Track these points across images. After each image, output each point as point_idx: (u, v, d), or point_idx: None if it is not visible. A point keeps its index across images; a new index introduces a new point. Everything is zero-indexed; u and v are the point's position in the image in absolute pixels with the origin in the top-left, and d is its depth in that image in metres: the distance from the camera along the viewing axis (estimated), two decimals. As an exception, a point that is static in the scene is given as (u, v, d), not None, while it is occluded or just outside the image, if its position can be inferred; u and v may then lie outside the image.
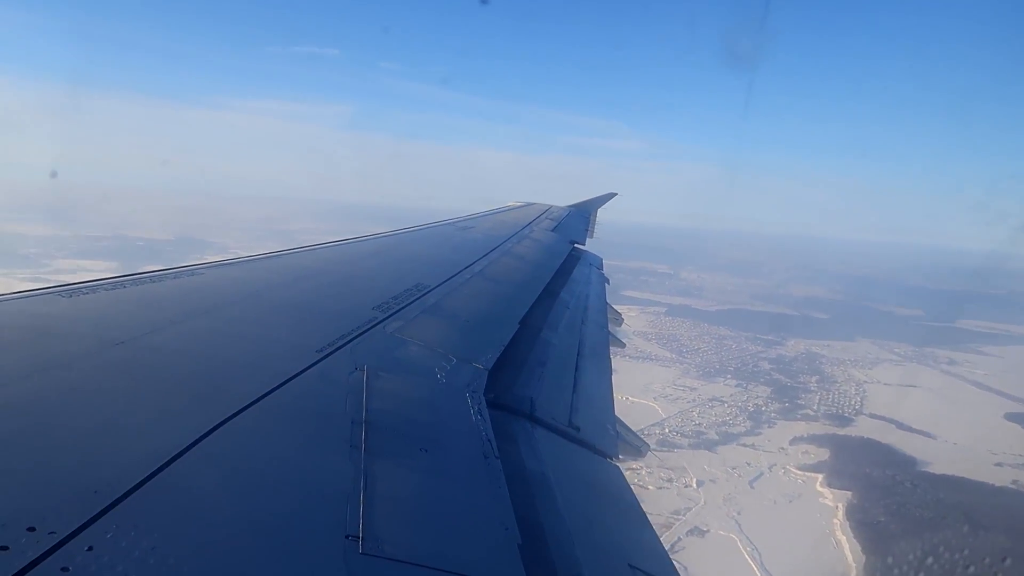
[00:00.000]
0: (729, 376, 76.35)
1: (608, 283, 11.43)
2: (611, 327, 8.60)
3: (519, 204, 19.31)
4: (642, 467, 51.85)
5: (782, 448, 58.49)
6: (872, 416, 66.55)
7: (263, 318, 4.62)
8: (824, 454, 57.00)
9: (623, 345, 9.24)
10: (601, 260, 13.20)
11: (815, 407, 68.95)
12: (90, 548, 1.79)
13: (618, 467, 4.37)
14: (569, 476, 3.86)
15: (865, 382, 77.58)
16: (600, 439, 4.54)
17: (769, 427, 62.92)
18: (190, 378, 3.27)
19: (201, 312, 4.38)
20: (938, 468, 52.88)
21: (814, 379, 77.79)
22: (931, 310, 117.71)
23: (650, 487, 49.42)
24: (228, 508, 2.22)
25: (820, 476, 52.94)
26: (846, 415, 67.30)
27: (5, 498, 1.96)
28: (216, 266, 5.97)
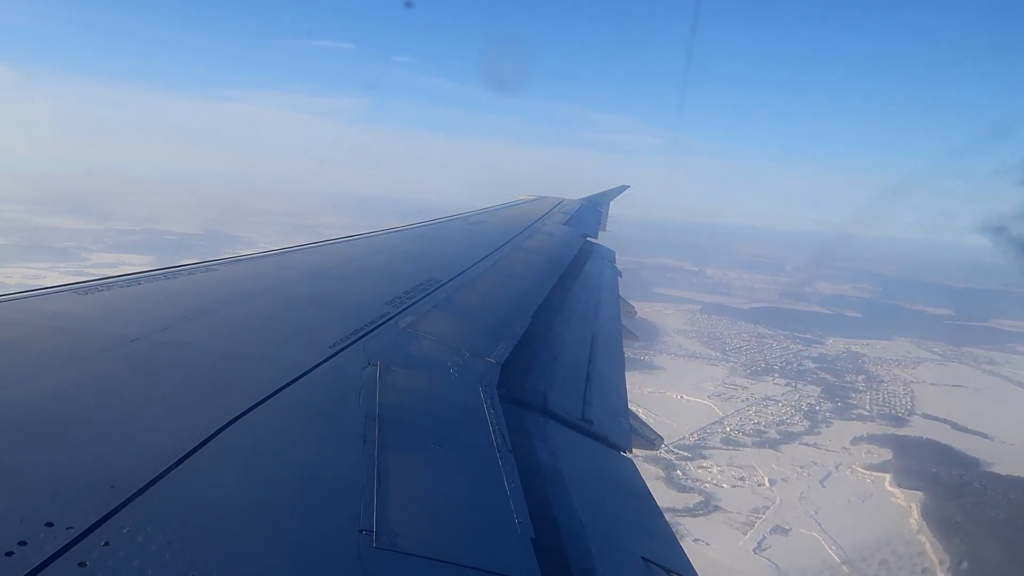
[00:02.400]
0: (776, 375, 76.24)
1: (621, 276, 11.39)
2: (624, 320, 8.58)
3: (531, 198, 19.28)
4: (713, 465, 52.21)
5: (844, 448, 58.60)
6: (926, 416, 66.24)
7: (277, 314, 4.64)
8: (887, 454, 57.02)
9: (637, 338, 9.22)
10: (614, 253, 13.16)
11: (868, 407, 68.82)
12: (107, 543, 1.81)
13: (631, 460, 4.36)
14: (582, 470, 3.86)
15: (911, 382, 77.13)
16: (613, 432, 4.53)
17: (827, 427, 62.96)
18: (205, 374, 3.29)
19: (215, 308, 4.40)
20: (1002, 468, 52.78)
21: (860, 378, 77.39)
22: (960, 309, 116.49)
23: (724, 485, 49.86)
24: (243, 503, 2.24)
25: (887, 476, 53.00)
26: (900, 415, 67.10)
27: (23, 493, 1.98)
28: (230, 262, 6.00)
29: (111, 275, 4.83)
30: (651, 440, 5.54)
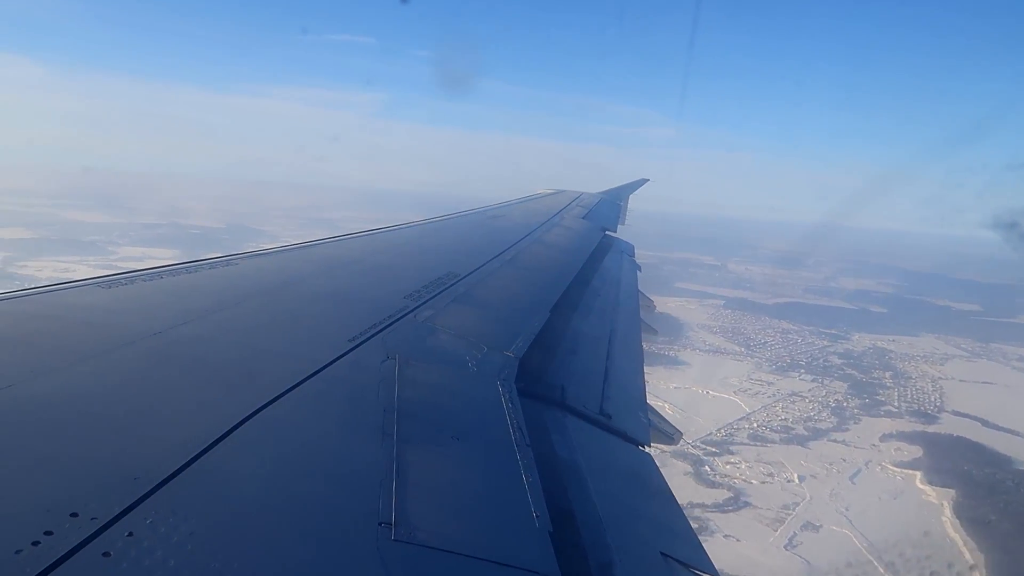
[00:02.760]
0: (802, 371, 75.54)
1: (640, 270, 11.35)
2: (643, 314, 8.55)
3: (550, 191, 19.25)
4: (741, 461, 51.99)
5: (873, 445, 58.01)
6: (956, 413, 65.32)
7: (296, 308, 4.68)
8: (917, 451, 56.44)
9: (655, 332, 9.18)
10: (632, 247, 13.11)
11: (896, 404, 67.99)
12: (130, 534, 1.84)
13: (650, 455, 4.35)
14: (600, 464, 3.85)
15: (940, 378, 75.99)
16: (632, 427, 4.52)
17: (855, 423, 62.33)
18: (226, 367, 3.32)
19: (235, 302, 4.44)
20: (1036, 467, 52.36)
21: (888, 375, 76.40)
22: (988, 304, 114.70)
23: (753, 481, 49.72)
24: (264, 495, 2.26)
25: (918, 473, 52.51)
26: (929, 412, 66.18)
27: (49, 484, 2.01)
28: (249, 256, 6.05)
29: (134, 269, 4.89)
30: (669, 435, 5.52)
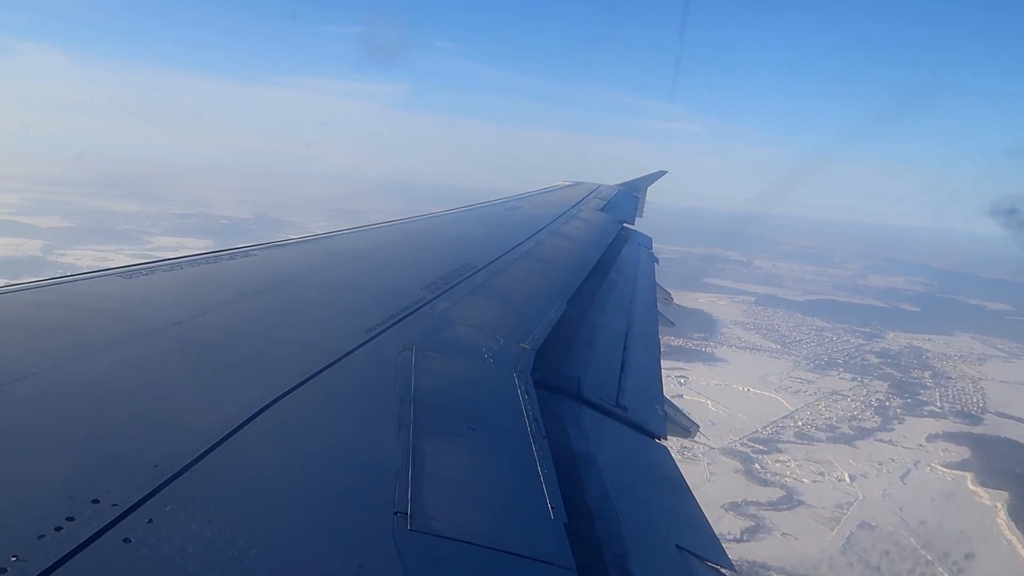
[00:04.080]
0: (841, 369, 75.54)
1: (657, 262, 11.30)
2: (660, 307, 8.52)
3: (568, 183, 19.19)
4: (790, 460, 52.18)
5: (920, 445, 57.96)
6: (1000, 415, 64.96)
7: (315, 298, 4.70)
8: (964, 452, 56.28)
9: (672, 324, 9.14)
10: (650, 240, 13.05)
11: (939, 404, 67.77)
12: (150, 520, 1.86)
13: (666, 447, 4.34)
14: (616, 456, 3.85)
15: (980, 379, 75.50)
16: (648, 419, 4.51)
17: (899, 423, 62.35)
18: (245, 356, 3.35)
19: (255, 292, 4.48)
20: (1085, 469, 51.84)
21: (927, 375, 76.11)
22: (1019, 304, 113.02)
23: (804, 480, 49.90)
24: (281, 483, 2.28)
25: (969, 475, 52.30)
26: (973, 413, 65.91)
27: (71, 472, 2.04)
28: (268, 247, 6.09)
29: (155, 259, 4.95)
30: (686, 428, 5.50)
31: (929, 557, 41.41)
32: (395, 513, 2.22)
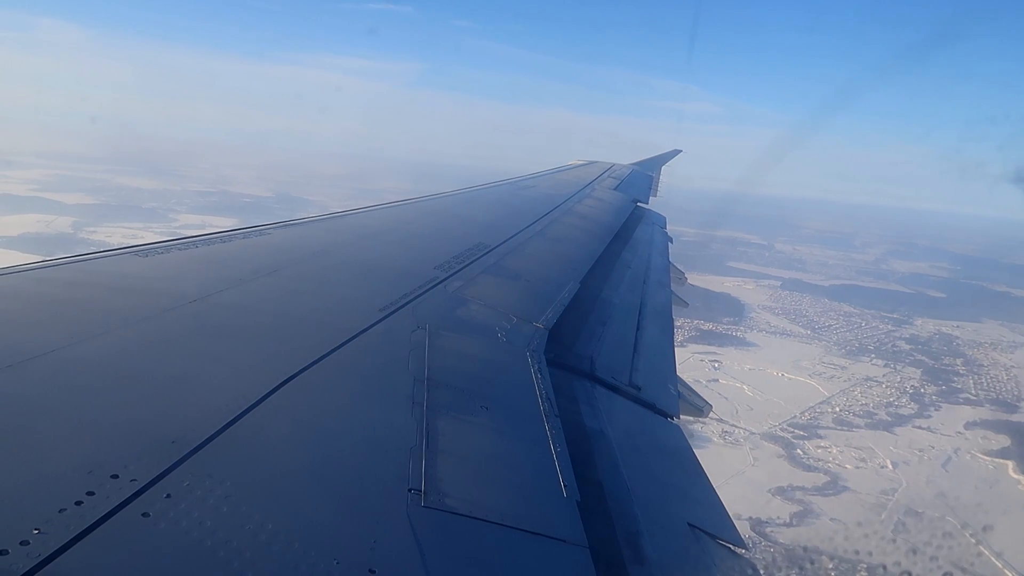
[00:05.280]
0: (872, 355, 75.02)
1: (671, 242, 11.25)
2: (674, 287, 8.49)
3: (581, 162, 19.09)
4: (831, 446, 52.05)
5: (959, 432, 57.59)
6: None
7: (329, 277, 4.72)
8: (1004, 440, 55.86)
9: (686, 304, 9.12)
10: (664, 219, 12.98)
11: (973, 391, 67.18)
12: (168, 495, 1.89)
13: (679, 426, 4.35)
14: (629, 435, 3.86)
15: (1012, 367, 74.46)
16: (661, 398, 4.52)
17: (936, 410, 61.86)
18: (261, 334, 3.38)
19: (270, 271, 4.50)
20: None
21: (959, 362, 75.27)
22: None
23: (847, 466, 49.87)
24: (296, 459, 2.30)
25: (1010, 463, 52.01)
26: (1009, 401, 65.35)
27: (91, 447, 2.08)
28: (283, 226, 6.11)
29: (171, 238, 4.99)
30: (699, 407, 5.50)
31: (973, 541, 41.13)
32: (409, 490, 2.24)
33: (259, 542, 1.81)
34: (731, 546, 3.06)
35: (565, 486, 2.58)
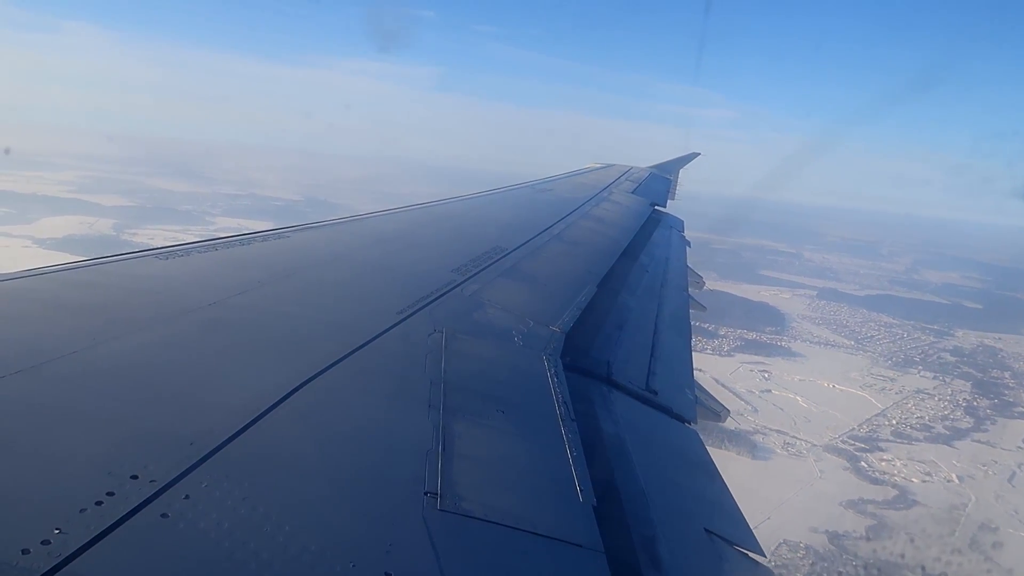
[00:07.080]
0: (920, 367, 74.52)
1: (689, 246, 11.20)
2: (692, 291, 8.45)
3: (599, 165, 19.06)
4: (895, 459, 51.87)
5: (1019, 447, 57.23)
6: None
7: (347, 280, 4.75)
8: None
9: (704, 309, 9.08)
10: (682, 222, 12.92)
11: None
12: (187, 496, 1.91)
13: (696, 431, 4.32)
14: (646, 440, 3.84)
15: None
16: (678, 403, 4.49)
17: (992, 424, 61.50)
18: (279, 337, 3.40)
19: (288, 274, 4.53)
20: None
21: (1007, 375, 74.51)
22: None
23: (914, 480, 49.68)
24: (313, 461, 2.32)
25: None
26: None
27: (111, 448, 2.10)
28: (302, 229, 6.15)
29: (190, 241, 5.03)
30: (716, 412, 5.47)
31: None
32: (425, 493, 2.24)
33: (276, 544, 1.82)
34: (748, 552, 3.03)
35: (581, 491, 2.58)
